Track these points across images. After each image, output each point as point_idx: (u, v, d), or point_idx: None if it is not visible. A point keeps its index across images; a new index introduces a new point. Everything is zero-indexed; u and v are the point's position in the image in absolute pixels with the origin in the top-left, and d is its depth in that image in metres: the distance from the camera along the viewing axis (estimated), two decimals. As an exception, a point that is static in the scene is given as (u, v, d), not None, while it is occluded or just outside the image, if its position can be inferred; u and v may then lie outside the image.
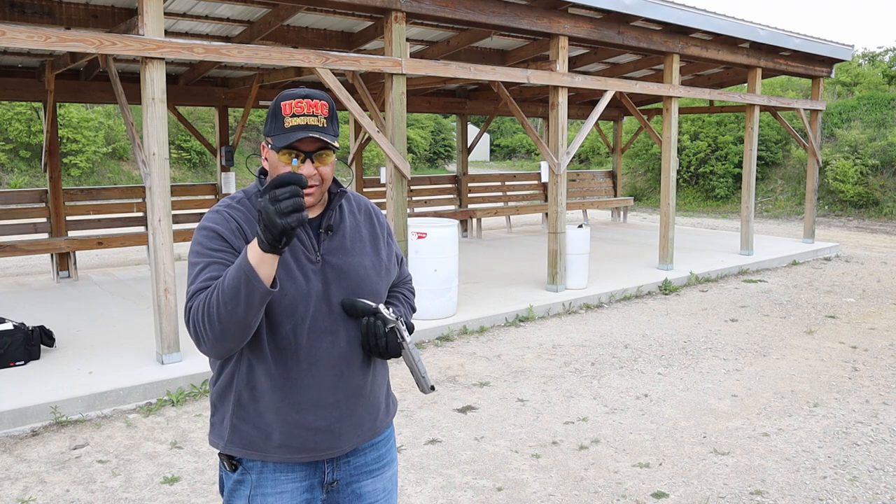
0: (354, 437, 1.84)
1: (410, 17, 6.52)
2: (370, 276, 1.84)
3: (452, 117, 35.43)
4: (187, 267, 1.75)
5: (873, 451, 4.19)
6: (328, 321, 1.75)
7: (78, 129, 20.59)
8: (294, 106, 1.68)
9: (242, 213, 1.76)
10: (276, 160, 1.71)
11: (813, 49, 10.80)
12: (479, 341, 6.51)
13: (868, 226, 16.27)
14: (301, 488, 1.81)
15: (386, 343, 1.74)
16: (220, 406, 1.82)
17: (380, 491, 1.93)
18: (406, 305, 2.02)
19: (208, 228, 1.73)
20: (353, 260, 1.82)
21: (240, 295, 1.52)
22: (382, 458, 1.94)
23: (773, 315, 7.54)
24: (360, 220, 1.91)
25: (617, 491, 3.69)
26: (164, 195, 5.30)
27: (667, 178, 9.47)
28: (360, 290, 1.80)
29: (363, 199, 1.97)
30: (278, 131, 1.69)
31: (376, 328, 1.74)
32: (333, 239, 1.80)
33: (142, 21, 5.08)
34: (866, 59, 28.74)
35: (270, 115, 1.72)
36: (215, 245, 1.71)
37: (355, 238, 1.86)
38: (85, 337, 6.18)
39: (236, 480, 1.81)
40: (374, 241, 1.90)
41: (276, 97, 1.74)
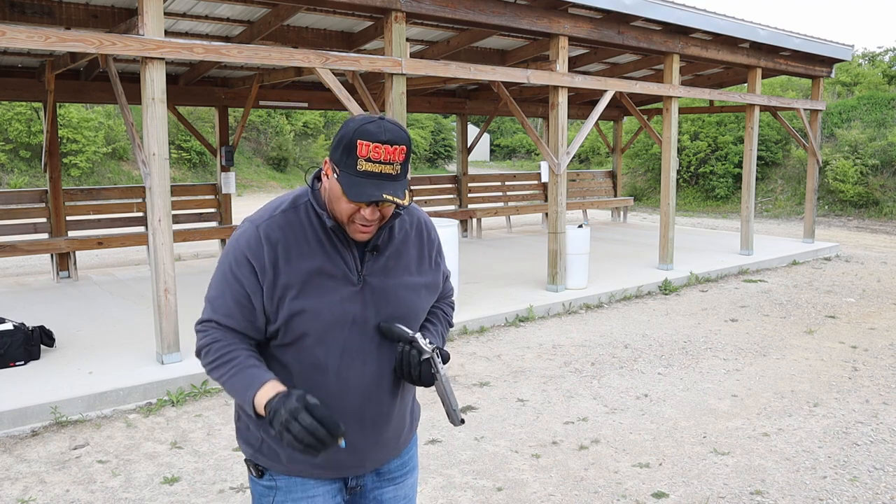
0: (378, 458, 1.83)
1: (410, 17, 6.52)
2: (411, 298, 1.78)
3: (452, 117, 35.42)
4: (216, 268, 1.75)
5: (873, 451, 4.19)
6: (362, 343, 1.71)
7: (78, 129, 20.60)
8: (372, 150, 1.57)
9: (281, 234, 1.67)
10: (339, 193, 1.62)
11: (813, 49, 10.80)
12: (479, 341, 6.51)
13: (868, 226, 16.27)
14: (332, 491, 1.80)
15: (420, 373, 1.71)
16: (244, 414, 1.79)
17: (400, 498, 1.92)
18: (444, 323, 1.97)
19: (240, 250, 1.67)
20: (394, 282, 1.75)
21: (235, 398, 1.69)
22: (405, 465, 1.93)
23: (773, 315, 7.54)
24: (411, 236, 1.83)
25: (617, 491, 3.69)
26: (164, 195, 5.30)
27: (667, 178, 9.47)
28: (399, 313, 1.75)
29: (417, 213, 1.88)
30: (348, 170, 1.59)
31: (411, 357, 1.70)
32: (378, 260, 1.74)
33: (142, 21, 5.08)
34: (866, 59, 28.74)
35: (343, 146, 1.59)
36: (241, 273, 1.66)
37: (401, 257, 1.79)
38: (85, 337, 6.18)
39: (266, 486, 1.79)
40: (420, 260, 1.83)
41: (354, 127, 1.59)
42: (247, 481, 3.78)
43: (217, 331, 1.69)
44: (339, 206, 1.64)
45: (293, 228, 1.69)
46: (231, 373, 1.65)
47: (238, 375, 1.64)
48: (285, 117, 28.23)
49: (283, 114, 27.88)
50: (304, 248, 1.67)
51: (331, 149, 1.66)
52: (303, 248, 1.67)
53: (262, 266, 1.65)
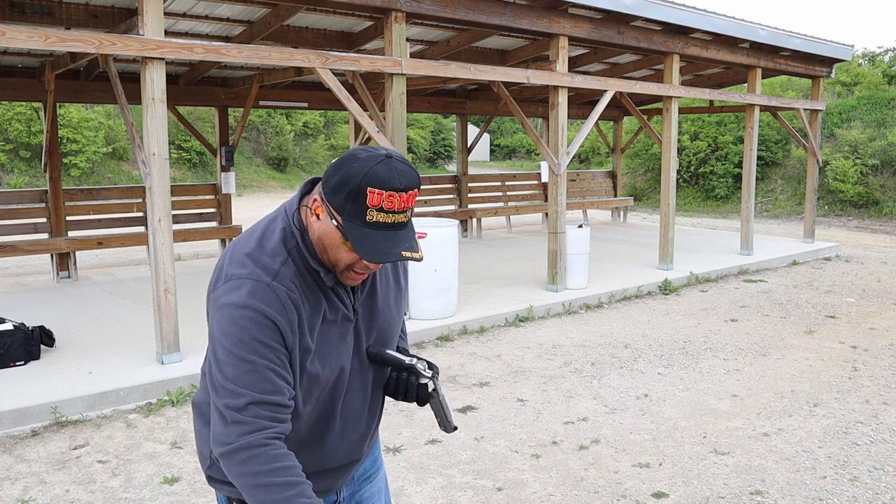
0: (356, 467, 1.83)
1: (410, 17, 6.52)
2: (393, 318, 1.72)
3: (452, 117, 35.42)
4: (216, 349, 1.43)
5: (873, 450, 4.19)
6: (360, 378, 1.66)
7: (78, 129, 20.60)
8: (385, 199, 1.37)
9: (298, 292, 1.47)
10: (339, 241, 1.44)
11: (813, 49, 10.80)
12: (479, 341, 6.51)
13: (868, 226, 16.27)
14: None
15: (417, 395, 1.69)
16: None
17: (376, 492, 1.93)
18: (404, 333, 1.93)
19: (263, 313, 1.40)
20: (380, 313, 1.69)
21: None
22: (376, 461, 1.94)
23: (773, 315, 7.54)
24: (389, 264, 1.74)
25: (617, 491, 3.69)
26: (164, 195, 5.30)
27: (667, 178, 9.47)
28: (382, 336, 1.69)
29: None
30: (355, 220, 1.39)
31: (409, 384, 1.68)
32: (365, 291, 1.64)
33: (142, 21, 5.08)
34: (866, 59, 28.74)
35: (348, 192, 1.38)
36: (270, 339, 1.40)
37: (384, 286, 1.71)
38: (85, 337, 6.18)
39: None
40: (396, 280, 1.76)
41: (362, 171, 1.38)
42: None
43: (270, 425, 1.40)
44: (338, 255, 1.46)
45: (303, 281, 1.49)
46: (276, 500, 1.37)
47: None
48: (285, 117, 28.24)
49: (283, 114, 27.89)
50: (313, 304, 1.50)
51: (328, 189, 1.42)
52: (312, 303, 1.50)
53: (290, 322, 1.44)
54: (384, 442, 4.28)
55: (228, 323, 1.40)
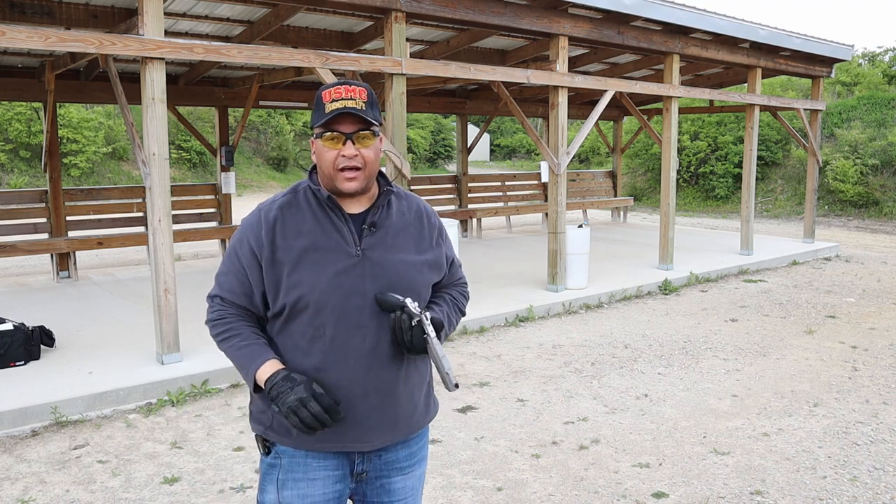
0: (386, 434, 1.84)
1: (410, 17, 6.52)
2: (410, 273, 1.84)
3: (452, 117, 35.42)
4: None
5: (873, 450, 4.19)
6: (360, 316, 1.77)
7: (78, 129, 20.60)
8: (333, 92, 1.75)
9: (281, 213, 1.82)
10: (321, 147, 1.79)
11: (813, 49, 10.80)
12: (479, 341, 6.51)
13: (868, 226, 16.27)
14: (334, 477, 1.83)
15: (412, 337, 1.74)
16: (256, 396, 1.86)
17: (408, 489, 1.93)
18: (451, 306, 2.00)
19: (243, 232, 1.84)
20: (393, 257, 1.83)
21: (239, 370, 1.83)
22: (414, 455, 1.94)
23: (773, 315, 7.54)
24: (410, 219, 1.91)
25: (617, 491, 3.69)
26: (164, 195, 5.30)
27: (667, 178, 9.47)
28: (397, 286, 1.80)
29: (416, 200, 1.98)
30: (320, 118, 1.76)
31: (402, 322, 1.75)
32: (375, 234, 1.83)
33: (142, 21, 5.08)
34: (866, 59, 28.74)
35: (315, 107, 1.79)
36: (241, 252, 1.83)
37: (399, 235, 1.86)
38: (85, 337, 6.18)
39: (269, 464, 1.85)
40: (419, 239, 1.90)
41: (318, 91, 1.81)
42: (247, 482, 3.78)
43: (223, 307, 1.85)
44: (324, 161, 1.78)
45: (291, 208, 1.82)
46: (237, 346, 1.80)
47: (243, 350, 1.79)
48: (285, 117, 28.24)
49: (283, 114, 27.89)
50: (301, 226, 1.80)
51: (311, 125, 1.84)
52: (300, 226, 1.80)
53: (259, 244, 1.79)
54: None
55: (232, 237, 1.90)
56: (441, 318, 1.89)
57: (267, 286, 1.79)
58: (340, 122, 1.75)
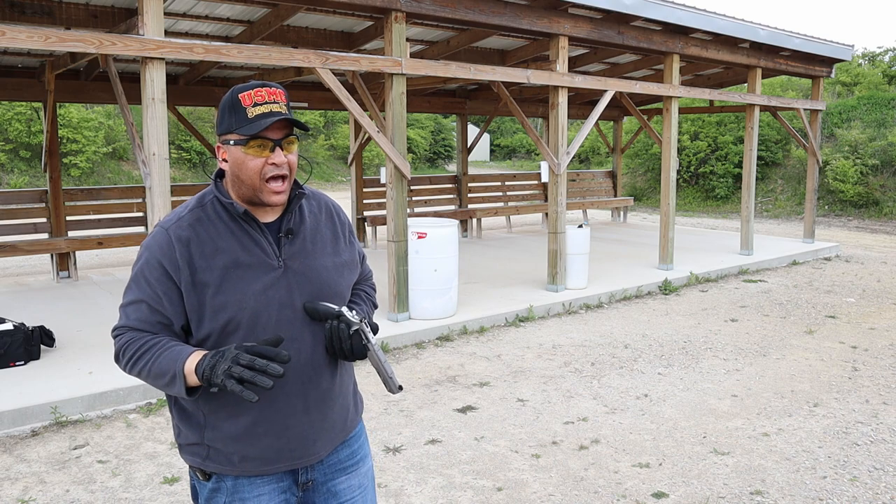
0: (328, 442, 1.82)
1: (410, 17, 6.52)
2: (332, 277, 1.80)
3: (452, 117, 35.42)
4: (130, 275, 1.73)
5: (873, 451, 4.19)
6: (292, 328, 1.71)
7: (78, 129, 20.60)
8: (254, 95, 1.64)
9: (193, 231, 1.68)
10: (243, 155, 1.65)
11: (813, 49, 10.80)
12: (479, 341, 6.51)
13: (868, 226, 16.27)
14: (278, 489, 1.79)
15: (351, 346, 1.71)
16: (187, 429, 1.76)
17: (355, 487, 1.91)
18: (368, 303, 2.00)
19: (152, 255, 1.66)
20: (314, 263, 1.77)
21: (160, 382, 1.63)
22: (355, 454, 1.92)
23: (773, 315, 7.54)
24: (321, 219, 1.86)
25: (617, 491, 3.69)
26: (164, 195, 5.30)
27: (667, 178, 9.47)
28: (324, 293, 1.76)
29: (323, 197, 1.92)
30: (242, 123, 1.63)
31: (340, 331, 1.71)
32: (294, 243, 1.76)
33: (142, 21, 5.08)
34: (866, 59, 28.74)
35: (227, 111, 1.66)
36: (153, 277, 1.65)
37: (316, 239, 1.81)
38: (85, 337, 6.18)
39: (212, 489, 1.76)
40: (335, 240, 1.86)
41: (229, 92, 1.68)
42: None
43: (132, 332, 1.68)
44: (247, 171, 1.66)
45: (203, 225, 1.69)
46: (153, 357, 1.62)
47: (161, 357, 1.61)
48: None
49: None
50: (218, 243, 1.67)
51: (217, 132, 1.70)
52: (217, 242, 1.68)
53: (175, 267, 1.64)
54: (384, 442, 4.28)
55: (135, 262, 1.71)
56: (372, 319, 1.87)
57: (189, 311, 1.65)
58: (268, 127, 1.64)
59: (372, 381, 5.19)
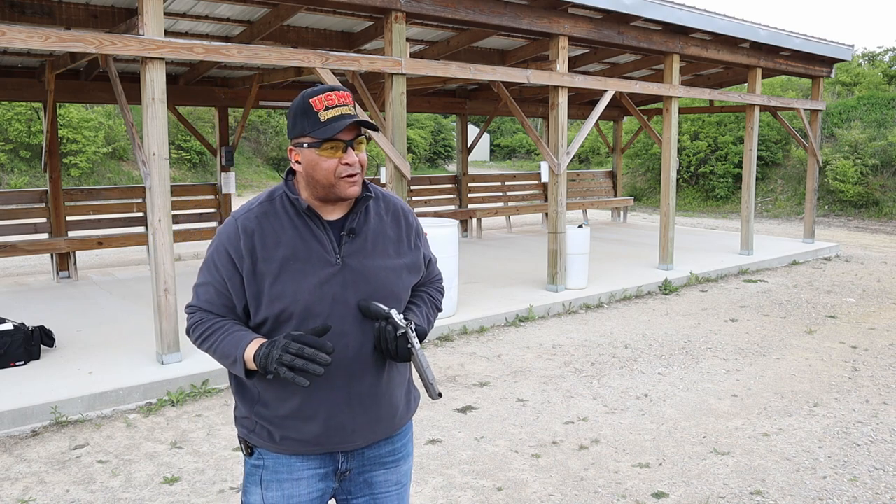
0: (368, 434, 1.85)
1: (410, 17, 6.52)
2: (390, 278, 1.84)
3: (452, 117, 35.42)
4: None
5: (873, 450, 4.19)
6: (343, 324, 1.76)
7: (78, 129, 20.60)
8: (325, 100, 1.72)
9: (259, 223, 1.77)
10: (317, 157, 1.73)
11: (813, 49, 10.80)
12: (479, 341, 6.51)
13: (868, 226, 16.27)
14: (317, 476, 1.84)
15: (396, 347, 1.75)
16: (241, 402, 1.87)
17: (392, 483, 1.94)
18: (430, 305, 2.01)
19: (221, 242, 1.79)
20: (373, 263, 1.82)
21: (225, 362, 1.78)
22: (398, 451, 1.95)
23: (773, 315, 7.54)
24: (387, 221, 1.90)
25: (617, 491, 3.69)
26: (164, 195, 5.30)
27: (667, 178, 9.47)
28: (378, 293, 1.80)
29: (393, 199, 1.96)
30: (315, 127, 1.71)
31: (387, 333, 1.75)
32: (355, 242, 1.81)
33: (142, 21, 5.08)
34: (866, 59, 28.74)
35: (300, 115, 1.73)
36: (220, 263, 1.78)
37: (378, 240, 1.85)
38: (85, 337, 6.18)
39: (253, 465, 1.86)
40: (398, 242, 1.89)
41: (299, 97, 1.75)
42: (247, 481, 3.77)
43: (201, 312, 1.83)
44: (320, 171, 1.73)
45: (269, 218, 1.78)
46: (219, 340, 1.76)
47: (226, 340, 1.75)
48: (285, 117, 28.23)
49: (283, 114, 27.86)
50: (280, 236, 1.76)
51: (290, 136, 1.79)
52: (279, 235, 1.76)
53: (239, 255, 1.75)
54: (384, 442, 4.27)
55: (208, 247, 1.83)
56: (424, 324, 1.89)
57: (248, 297, 1.77)
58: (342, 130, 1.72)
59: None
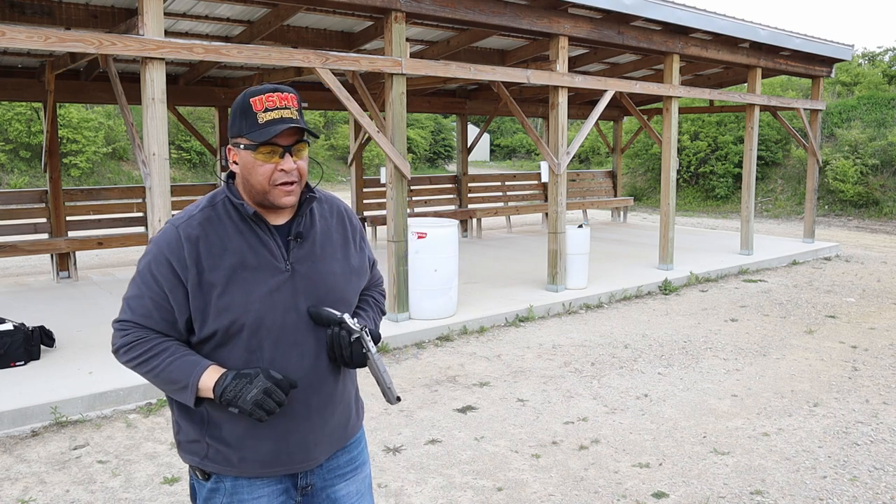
0: (327, 447, 1.82)
1: (410, 17, 6.52)
2: (340, 283, 1.80)
3: (452, 117, 35.42)
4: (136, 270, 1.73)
5: (873, 450, 4.19)
6: (296, 333, 1.71)
7: (78, 129, 20.60)
8: (266, 101, 1.64)
9: (203, 230, 1.68)
10: (252, 160, 1.65)
11: (813, 49, 10.80)
12: (479, 341, 6.51)
13: (868, 225, 16.27)
14: (276, 491, 1.79)
15: (351, 353, 1.71)
16: (186, 425, 1.76)
17: (353, 494, 1.91)
18: (375, 309, 1.99)
19: (160, 251, 1.67)
20: (322, 267, 1.77)
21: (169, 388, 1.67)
22: (355, 460, 1.93)
23: (773, 315, 7.54)
24: (332, 223, 1.85)
25: (617, 491, 3.69)
26: (164, 195, 5.30)
27: (667, 178, 9.47)
28: (330, 298, 1.76)
29: (335, 201, 1.91)
30: (252, 128, 1.63)
31: (341, 338, 1.71)
32: (303, 246, 1.75)
33: (142, 21, 5.08)
34: (866, 58, 28.74)
35: (238, 114, 1.66)
36: (160, 274, 1.66)
37: (326, 243, 1.80)
38: (85, 337, 6.18)
39: (210, 489, 1.77)
40: (345, 245, 1.85)
41: (241, 95, 1.68)
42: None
43: (137, 330, 1.68)
44: (256, 175, 1.66)
45: (213, 225, 1.69)
46: (164, 364, 1.64)
47: (173, 365, 1.64)
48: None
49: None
50: (226, 244, 1.68)
51: (229, 134, 1.71)
52: (225, 243, 1.68)
53: (182, 265, 1.64)
54: (384, 442, 4.28)
55: (142, 257, 1.71)
56: (375, 328, 1.87)
57: (193, 310, 1.65)
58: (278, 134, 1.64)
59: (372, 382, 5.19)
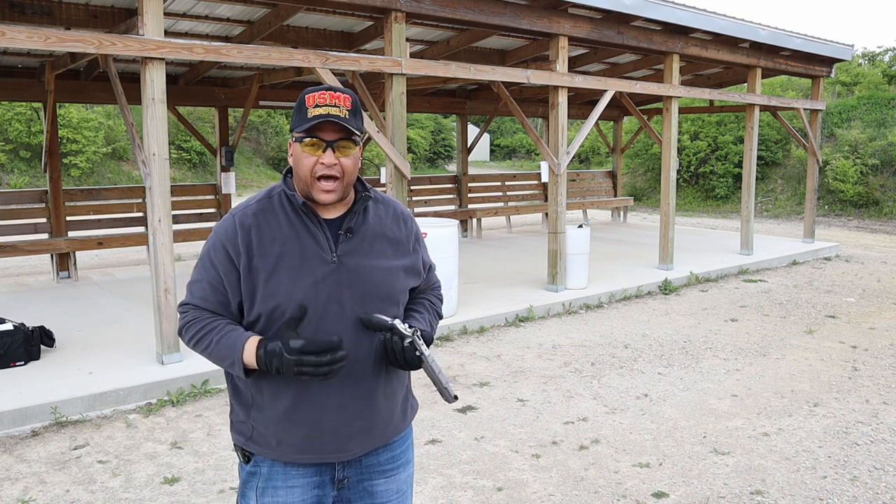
0: (363, 442, 1.82)
1: (410, 17, 6.52)
2: (386, 279, 1.82)
3: (452, 117, 35.42)
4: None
5: (873, 450, 4.19)
6: (337, 324, 1.74)
7: (78, 129, 20.59)
8: (317, 97, 1.72)
9: (256, 220, 1.77)
10: (300, 152, 1.74)
11: (813, 49, 10.80)
12: (479, 341, 6.51)
13: (868, 225, 16.27)
14: (312, 483, 1.82)
15: (405, 357, 1.73)
16: (236, 405, 1.86)
17: (392, 492, 1.92)
18: (431, 312, 2.00)
19: (218, 238, 1.79)
20: (369, 263, 1.80)
21: (223, 364, 1.76)
22: (397, 458, 1.93)
23: (773, 315, 7.54)
24: (387, 223, 1.88)
25: (617, 491, 3.69)
26: (164, 195, 5.30)
27: (667, 178, 9.47)
28: (374, 294, 1.79)
29: (393, 203, 1.94)
30: (301, 122, 1.72)
31: (394, 344, 1.73)
32: (351, 241, 1.80)
33: (142, 21, 5.08)
34: (866, 58, 28.74)
35: (295, 110, 1.75)
36: (217, 259, 1.78)
37: (376, 241, 1.84)
38: (85, 337, 6.18)
39: (249, 472, 1.84)
40: (397, 244, 1.88)
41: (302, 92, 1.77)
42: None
43: (195, 311, 1.80)
44: (302, 166, 1.74)
45: (266, 214, 1.78)
46: (215, 340, 1.74)
47: (222, 342, 1.74)
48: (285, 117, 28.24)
49: (283, 114, 27.88)
50: (276, 233, 1.76)
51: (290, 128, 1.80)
52: (275, 232, 1.76)
53: (236, 251, 1.75)
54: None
55: (204, 244, 1.83)
56: (429, 329, 1.88)
57: (243, 294, 1.76)
58: (322, 128, 1.71)
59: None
